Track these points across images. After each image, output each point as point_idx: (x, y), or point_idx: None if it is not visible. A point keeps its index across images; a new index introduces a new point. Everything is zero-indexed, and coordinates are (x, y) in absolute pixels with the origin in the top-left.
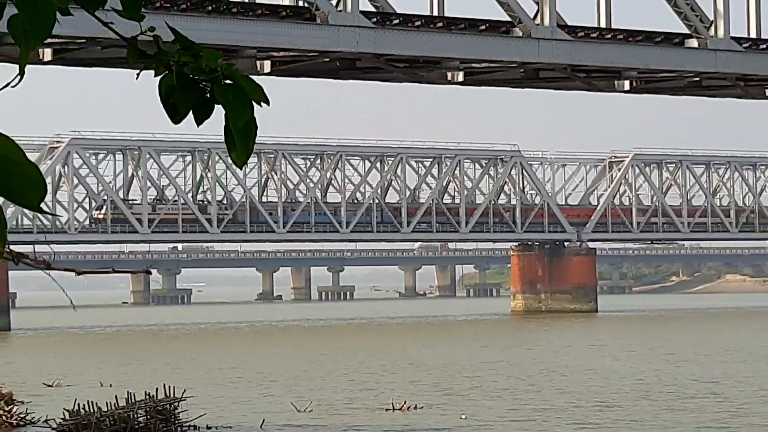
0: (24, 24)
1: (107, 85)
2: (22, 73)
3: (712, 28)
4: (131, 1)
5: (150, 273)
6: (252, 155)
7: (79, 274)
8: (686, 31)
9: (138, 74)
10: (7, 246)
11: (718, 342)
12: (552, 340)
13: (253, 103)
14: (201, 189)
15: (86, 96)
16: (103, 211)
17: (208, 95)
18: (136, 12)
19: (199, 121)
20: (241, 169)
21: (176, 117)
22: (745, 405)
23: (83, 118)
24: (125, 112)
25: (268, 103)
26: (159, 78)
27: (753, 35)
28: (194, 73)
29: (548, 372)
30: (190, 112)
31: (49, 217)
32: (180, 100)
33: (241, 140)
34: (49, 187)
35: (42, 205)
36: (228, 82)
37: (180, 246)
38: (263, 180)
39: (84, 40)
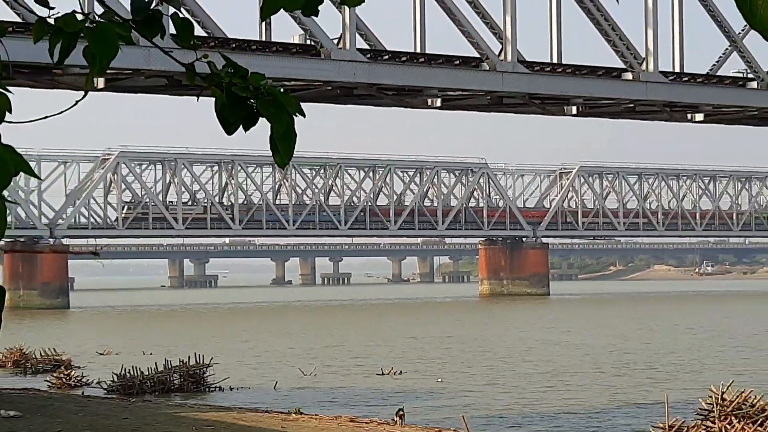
0: (93, 50)
1: (149, 108)
2: (86, 92)
3: (644, 63)
4: (185, 32)
5: (97, 254)
6: (266, 166)
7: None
8: (623, 66)
9: (198, 97)
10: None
11: (650, 319)
12: (513, 318)
13: (292, 115)
14: (226, 193)
15: (132, 117)
16: (125, 211)
17: (255, 109)
18: (188, 41)
19: (246, 129)
20: (283, 169)
21: (230, 129)
22: (676, 369)
23: (129, 135)
24: (164, 131)
25: (303, 115)
26: (214, 99)
27: (677, 70)
28: (242, 92)
29: (511, 343)
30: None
31: (101, 214)
32: (231, 115)
33: (283, 145)
34: (101, 191)
35: (93, 204)
36: (270, 97)
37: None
38: (277, 186)
39: (131, 72)
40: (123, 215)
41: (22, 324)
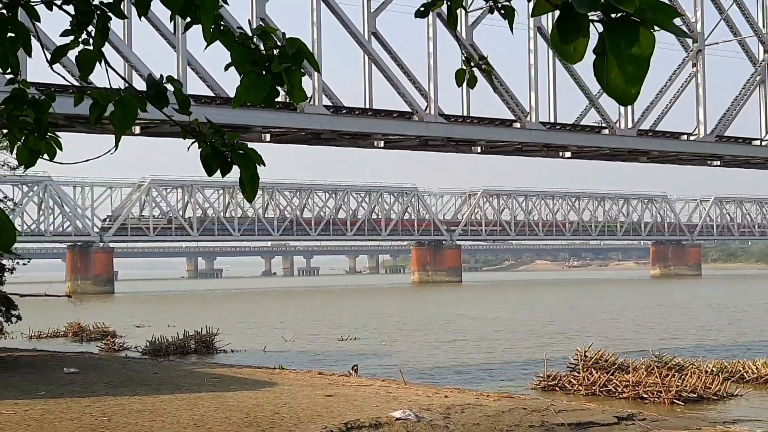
0: (118, 118)
1: (174, 147)
2: (116, 146)
3: (528, 116)
4: (184, 105)
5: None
6: (258, 190)
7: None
8: (513, 117)
9: (189, 147)
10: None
11: (537, 297)
12: (436, 299)
13: (256, 164)
14: (228, 209)
15: (160, 153)
16: (106, 222)
17: (229, 159)
18: (186, 110)
19: (223, 174)
20: (250, 203)
21: (210, 172)
22: (553, 335)
23: (158, 167)
24: (183, 163)
25: (264, 164)
26: (200, 150)
27: (552, 120)
28: (221, 146)
29: (437, 317)
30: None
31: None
32: (213, 162)
33: (249, 186)
34: (137, 208)
35: (130, 218)
36: (241, 151)
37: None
38: (265, 204)
39: (159, 122)
40: (131, 225)
41: (79, 305)
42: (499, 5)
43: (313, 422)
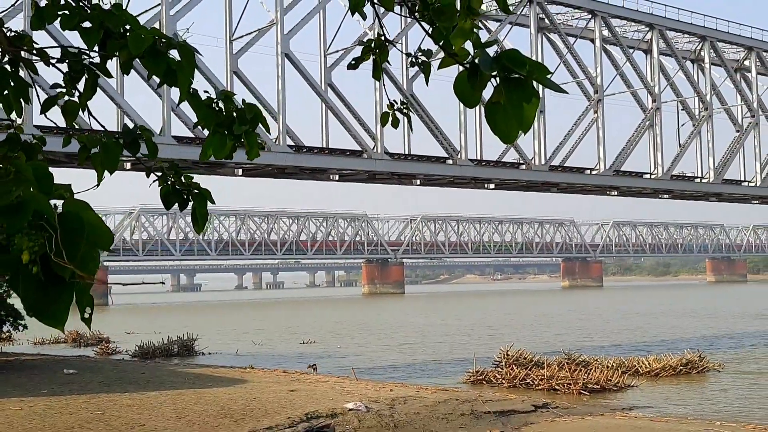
0: (102, 159)
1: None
2: (98, 183)
3: (459, 154)
4: (153, 151)
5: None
6: (231, 216)
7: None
8: (446, 155)
9: (150, 185)
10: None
11: (469, 306)
12: (383, 307)
13: (207, 201)
14: (206, 233)
15: (147, 185)
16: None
17: (185, 196)
18: (154, 156)
19: (181, 209)
20: (199, 234)
21: (169, 206)
22: (480, 336)
23: (146, 197)
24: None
25: (213, 202)
26: (160, 187)
27: (479, 158)
28: (179, 185)
29: (384, 323)
30: (176, 204)
31: (129, 246)
32: (172, 199)
33: (201, 220)
34: (128, 233)
35: (122, 241)
36: (196, 191)
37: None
38: (238, 229)
39: (146, 158)
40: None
41: (78, 316)
42: (420, 61)
43: (278, 413)
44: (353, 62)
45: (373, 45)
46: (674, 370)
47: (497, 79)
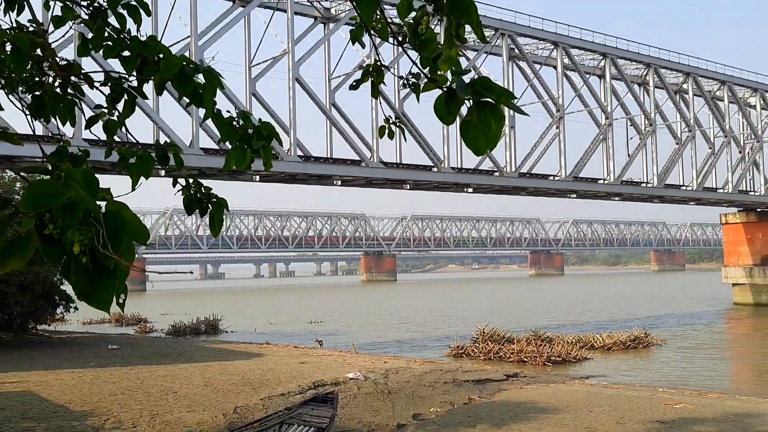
0: (137, 168)
1: None
2: (133, 188)
3: (443, 163)
4: (179, 163)
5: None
6: (250, 215)
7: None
8: (432, 164)
9: (175, 193)
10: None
11: (451, 291)
12: (379, 292)
13: (224, 209)
14: (229, 230)
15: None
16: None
17: (205, 204)
18: (181, 167)
19: (201, 216)
20: (215, 237)
21: (191, 212)
22: (461, 316)
23: (177, 199)
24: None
25: (229, 210)
26: (183, 196)
27: (460, 166)
28: (202, 195)
29: (381, 306)
30: (197, 211)
31: (164, 241)
32: (193, 206)
33: (218, 225)
34: (163, 230)
35: (158, 237)
36: (214, 200)
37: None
38: (256, 226)
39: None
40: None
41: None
42: (410, 83)
43: (290, 382)
44: (354, 84)
45: (371, 69)
46: (624, 344)
47: (471, 101)
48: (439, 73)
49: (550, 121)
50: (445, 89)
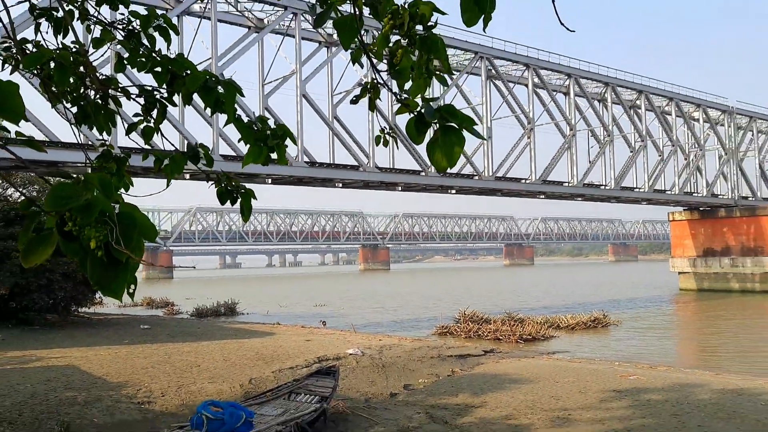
0: (171, 168)
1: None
2: (168, 185)
3: (429, 168)
4: (210, 161)
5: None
6: (263, 213)
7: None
8: (420, 169)
9: (208, 187)
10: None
11: (440, 278)
12: (375, 280)
13: (251, 199)
14: (245, 225)
15: (203, 189)
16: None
17: (235, 195)
18: (211, 165)
19: (232, 204)
20: (245, 222)
21: (223, 202)
22: (446, 300)
23: (202, 197)
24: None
25: (256, 199)
26: (216, 189)
27: (454, 172)
28: (231, 187)
29: (374, 291)
30: (228, 201)
31: (188, 235)
32: (225, 197)
33: (246, 212)
34: (187, 225)
35: (183, 231)
36: (243, 191)
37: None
38: (268, 222)
39: (198, 171)
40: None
41: (152, 286)
42: (403, 98)
43: (298, 357)
44: (354, 99)
45: (368, 87)
46: (585, 325)
47: (437, 124)
48: (410, 98)
49: (522, 131)
50: (415, 114)
